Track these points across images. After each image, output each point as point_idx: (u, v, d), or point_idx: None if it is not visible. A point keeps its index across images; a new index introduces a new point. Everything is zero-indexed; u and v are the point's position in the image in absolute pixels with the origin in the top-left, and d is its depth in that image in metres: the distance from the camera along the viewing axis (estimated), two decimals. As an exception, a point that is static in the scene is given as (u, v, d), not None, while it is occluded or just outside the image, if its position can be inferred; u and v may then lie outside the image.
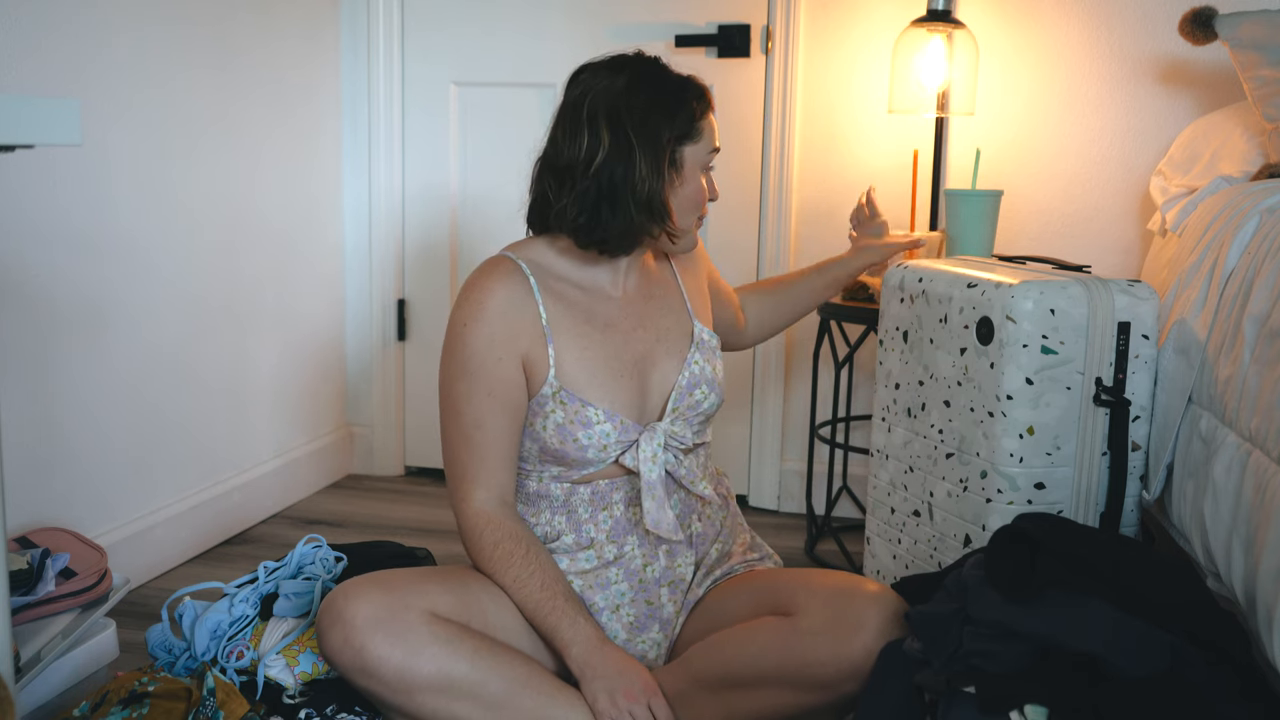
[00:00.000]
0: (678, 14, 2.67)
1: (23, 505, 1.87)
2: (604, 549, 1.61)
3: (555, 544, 1.62)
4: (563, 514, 1.61)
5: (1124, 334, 1.68)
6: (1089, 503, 1.70)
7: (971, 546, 1.72)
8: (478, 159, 2.85)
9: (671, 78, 1.61)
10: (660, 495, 1.58)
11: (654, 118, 1.56)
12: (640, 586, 1.62)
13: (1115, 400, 1.67)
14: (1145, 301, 1.68)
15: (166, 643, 1.67)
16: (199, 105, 2.30)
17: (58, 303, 1.97)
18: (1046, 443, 1.67)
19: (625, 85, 1.57)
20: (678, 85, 1.60)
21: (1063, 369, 1.66)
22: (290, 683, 1.60)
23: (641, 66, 1.61)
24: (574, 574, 1.61)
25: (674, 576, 1.64)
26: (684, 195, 1.62)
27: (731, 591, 1.62)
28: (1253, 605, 1.30)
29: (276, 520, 2.59)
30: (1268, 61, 2.05)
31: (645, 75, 1.59)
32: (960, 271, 1.78)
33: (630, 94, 1.56)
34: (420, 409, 2.94)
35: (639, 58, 1.63)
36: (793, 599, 1.49)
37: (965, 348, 1.73)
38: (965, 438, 1.73)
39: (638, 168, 1.55)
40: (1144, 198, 2.47)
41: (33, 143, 1.11)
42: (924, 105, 2.38)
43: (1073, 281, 1.67)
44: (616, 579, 1.62)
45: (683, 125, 1.59)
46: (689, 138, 1.60)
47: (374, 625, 1.41)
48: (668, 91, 1.58)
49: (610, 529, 1.61)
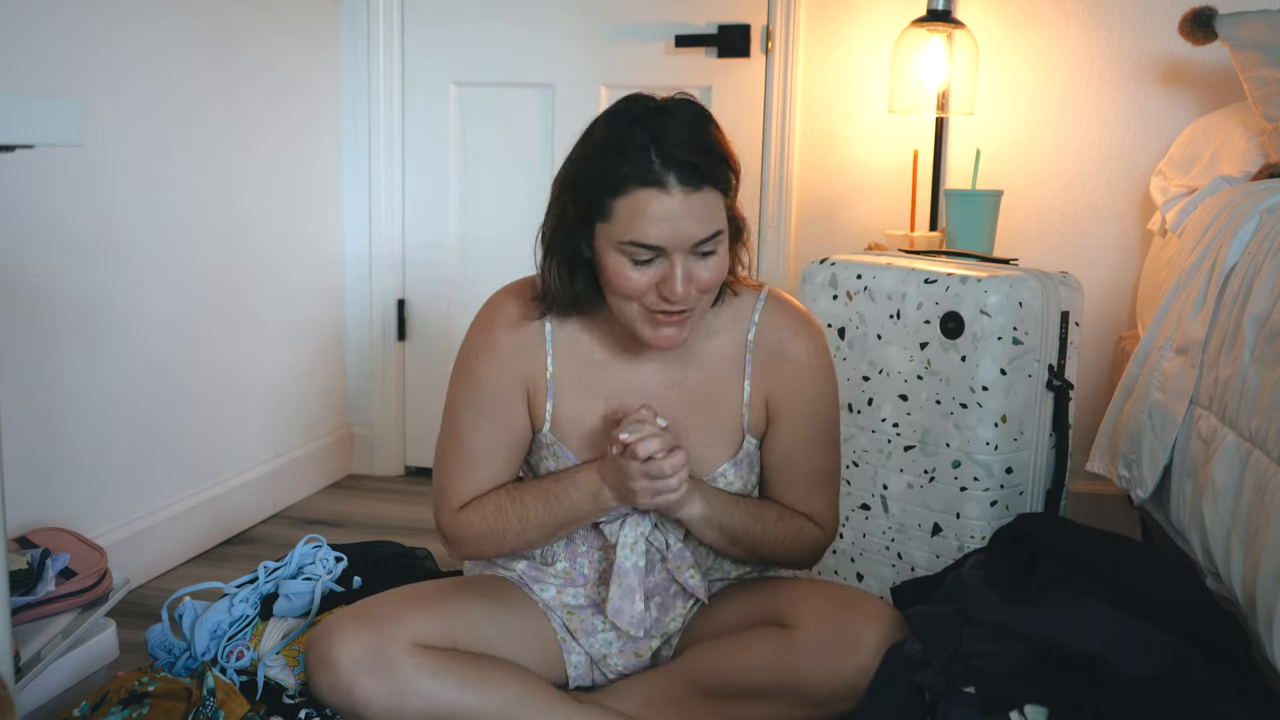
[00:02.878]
0: (678, 14, 2.67)
1: (23, 505, 1.87)
2: (594, 589, 1.56)
3: (551, 569, 1.57)
4: (563, 541, 1.56)
5: (1065, 322, 1.78)
6: (1039, 482, 1.80)
7: (943, 535, 1.78)
8: (478, 159, 2.85)
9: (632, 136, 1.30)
10: (631, 584, 1.48)
11: (584, 173, 1.35)
12: (628, 639, 1.56)
13: (1061, 384, 1.77)
14: (1077, 291, 1.81)
15: (166, 643, 1.67)
16: (198, 104, 2.30)
17: (57, 302, 1.97)
18: (1014, 429, 1.76)
19: (604, 123, 1.37)
20: (623, 145, 1.31)
21: (1027, 358, 1.75)
22: (290, 683, 1.60)
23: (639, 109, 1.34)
24: (558, 607, 1.57)
25: (666, 630, 1.58)
26: (606, 279, 1.37)
27: (728, 595, 1.59)
28: (1252, 605, 1.30)
29: (276, 520, 2.59)
30: (1268, 61, 2.05)
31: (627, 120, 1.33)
32: (912, 266, 1.82)
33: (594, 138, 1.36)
34: (420, 409, 2.94)
35: (660, 106, 1.34)
36: (791, 610, 1.46)
37: (927, 342, 1.79)
38: (930, 430, 1.79)
39: (562, 223, 1.38)
40: (1144, 198, 2.47)
41: (33, 143, 1.11)
42: (924, 105, 2.38)
43: (1029, 275, 1.76)
44: (603, 628, 1.56)
45: (595, 191, 1.33)
46: (600, 214, 1.33)
47: (359, 667, 1.39)
48: (611, 150, 1.32)
49: (603, 571, 1.54)
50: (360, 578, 1.76)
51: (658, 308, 1.35)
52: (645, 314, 1.37)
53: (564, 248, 1.39)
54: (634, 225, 1.30)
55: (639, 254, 1.32)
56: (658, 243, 1.31)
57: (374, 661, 1.40)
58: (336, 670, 1.40)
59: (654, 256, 1.32)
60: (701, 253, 1.34)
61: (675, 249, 1.32)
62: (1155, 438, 1.75)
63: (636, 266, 1.33)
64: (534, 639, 1.55)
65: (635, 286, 1.34)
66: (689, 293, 1.34)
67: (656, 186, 1.29)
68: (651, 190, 1.29)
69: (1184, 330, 1.72)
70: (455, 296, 2.89)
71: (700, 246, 1.33)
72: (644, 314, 1.37)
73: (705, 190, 1.32)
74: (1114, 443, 1.89)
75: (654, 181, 1.29)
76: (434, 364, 2.92)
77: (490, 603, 1.55)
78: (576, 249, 1.38)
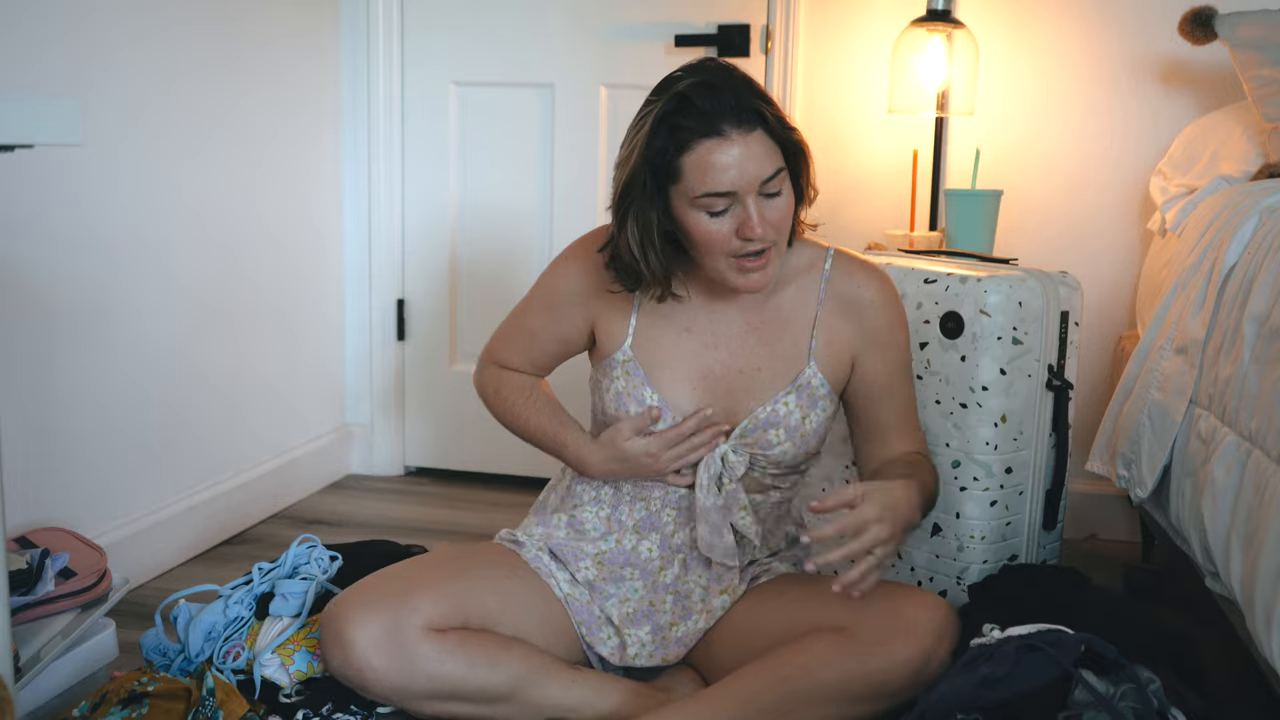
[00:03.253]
0: (678, 14, 2.67)
1: (23, 505, 1.87)
2: (625, 536, 1.63)
3: (590, 531, 1.66)
4: (610, 485, 1.65)
5: (1064, 322, 1.78)
6: (1039, 482, 1.80)
7: (942, 535, 1.80)
8: (477, 158, 2.85)
9: (684, 100, 1.44)
10: (716, 522, 1.58)
11: (649, 146, 1.46)
12: (651, 587, 1.62)
13: (1061, 384, 1.77)
14: (1076, 291, 1.80)
15: (161, 645, 1.67)
16: (198, 104, 2.30)
17: (57, 302, 1.97)
18: (1014, 429, 1.76)
19: (652, 100, 1.48)
20: (678, 110, 1.44)
21: (1026, 358, 1.74)
22: (285, 681, 1.60)
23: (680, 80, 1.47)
24: (590, 555, 1.63)
25: (681, 589, 1.63)
26: (693, 239, 1.50)
27: (761, 606, 1.60)
28: (1251, 605, 1.30)
29: (276, 520, 2.59)
30: (1267, 61, 2.05)
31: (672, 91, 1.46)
32: (911, 266, 1.82)
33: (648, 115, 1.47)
34: (420, 409, 2.94)
35: (694, 70, 1.48)
36: (839, 612, 1.48)
37: (926, 342, 1.79)
38: (929, 430, 1.79)
39: (639, 199, 1.49)
40: (1144, 198, 2.47)
41: (32, 142, 1.11)
42: (924, 105, 2.38)
43: (1029, 275, 1.76)
44: (632, 576, 1.63)
45: (663, 156, 1.45)
46: (671, 178, 1.46)
47: (372, 648, 1.46)
48: (667, 118, 1.45)
49: (639, 521, 1.63)
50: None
51: (742, 252, 1.47)
52: (732, 263, 1.49)
53: (642, 222, 1.49)
54: (705, 177, 1.43)
55: (714, 204, 1.45)
56: (729, 188, 1.43)
57: (387, 643, 1.46)
58: (350, 650, 1.46)
59: (728, 205, 1.45)
60: (768, 193, 1.46)
61: (746, 190, 1.44)
62: (1155, 437, 1.75)
63: (714, 218, 1.46)
64: (542, 608, 1.59)
65: (719, 236, 1.46)
66: (766, 230, 1.46)
67: (717, 136, 1.42)
68: (713, 140, 1.42)
69: (1184, 330, 1.73)
70: (455, 296, 2.90)
71: (766, 185, 1.45)
72: (731, 264, 1.49)
73: (758, 131, 1.44)
74: (1113, 442, 1.89)
75: (714, 132, 1.42)
76: (434, 364, 2.92)
77: (500, 577, 1.59)
78: (652, 221, 1.49)
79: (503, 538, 1.70)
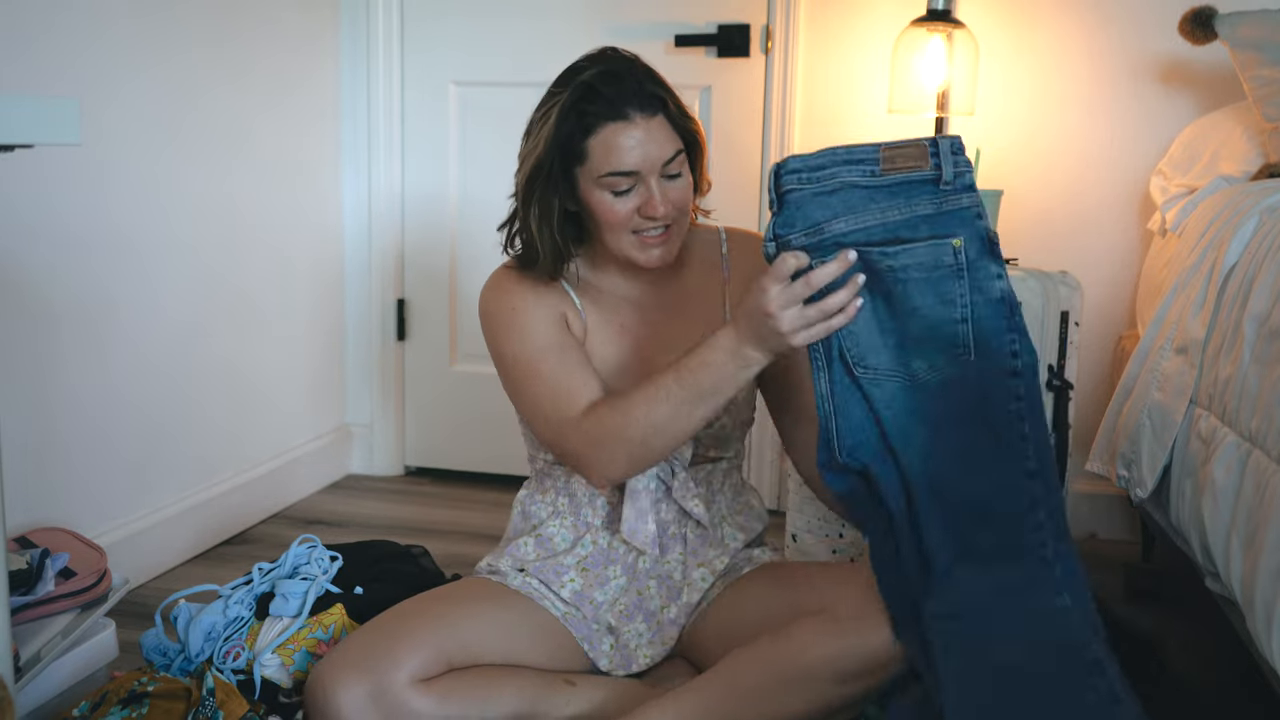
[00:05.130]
0: (678, 13, 2.67)
1: (23, 505, 1.87)
2: (598, 535, 1.63)
3: (561, 547, 1.63)
4: (565, 495, 1.65)
5: (1064, 322, 1.79)
6: None
7: None
8: (477, 158, 2.85)
9: (590, 87, 1.50)
10: (644, 506, 1.59)
11: (556, 131, 1.51)
12: (633, 577, 1.63)
13: (1061, 384, 1.78)
14: (1076, 291, 1.83)
15: (160, 646, 1.66)
16: (198, 104, 2.30)
17: (56, 302, 1.97)
18: None
19: (558, 89, 1.53)
20: (584, 95, 1.49)
21: None
22: (285, 681, 1.60)
23: (583, 69, 1.52)
24: (572, 566, 1.62)
25: (662, 571, 1.64)
26: (596, 218, 1.54)
27: (744, 594, 1.61)
28: (1251, 605, 1.30)
29: (276, 520, 2.59)
30: (1267, 61, 2.05)
31: (578, 79, 1.52)
32: None
33: (554, 103, 1.52)
34: (420, 409, 2.94)
35: (598, 59, 1.54)
36: (821, 594, 1.49)
37: None
38: None
39: (545, 183, 1.53)
40: (1144, 198, 2.47)
41: (32, 142, 1.11)
42: (924, 105, 2.38)
43: (1029, 275, 1.77)
44: (615, 575, 1.63)
45: (569, 139, 1.50)
46: (577, 159, 1.51)
47: (361, 715, 1.42)
48: (575, 103, 1.50)
49: (606, 516, 1.64)
50: (360, 585, 1.75)
51: (644, 229, 1.53)
52: (634, 240, 1.54)
53: (544, 205, 1.54)
54: (609, 157, 1.49)
55: (619, 183, 1.50)
56: (633, 167, 1.49)
57: (373, 710, 1.43)
58: (339, 718, 1.43)
59: (631, 185, 1.50)
60: (670, 174, 1.52)
61: (648, 171, 1.50)
62: (1155, 437, 1.75)
63: (618, 197, 1.51)
64: (531, 630, 1.57)
65: (622, 215, 1.52)
66: (669, 209, 1.52)
67: (622, 119, 1.48)
68: (619, 123, 1.48)
69: (1184, 330, 1.73)
70: (455, 296, 2.89)
71: (668, 167, 1.51)
72: (633, 240, 1.54)
73: (660, 116, 1.51)
74: (1114, 443, 1.89)
75: (619, 115, 1.48)
76: (434, 364, 2.92)
77: (482, 610, 1.57)
78: (553, 205, 1.54)
79: (482, 570, 1.68)
